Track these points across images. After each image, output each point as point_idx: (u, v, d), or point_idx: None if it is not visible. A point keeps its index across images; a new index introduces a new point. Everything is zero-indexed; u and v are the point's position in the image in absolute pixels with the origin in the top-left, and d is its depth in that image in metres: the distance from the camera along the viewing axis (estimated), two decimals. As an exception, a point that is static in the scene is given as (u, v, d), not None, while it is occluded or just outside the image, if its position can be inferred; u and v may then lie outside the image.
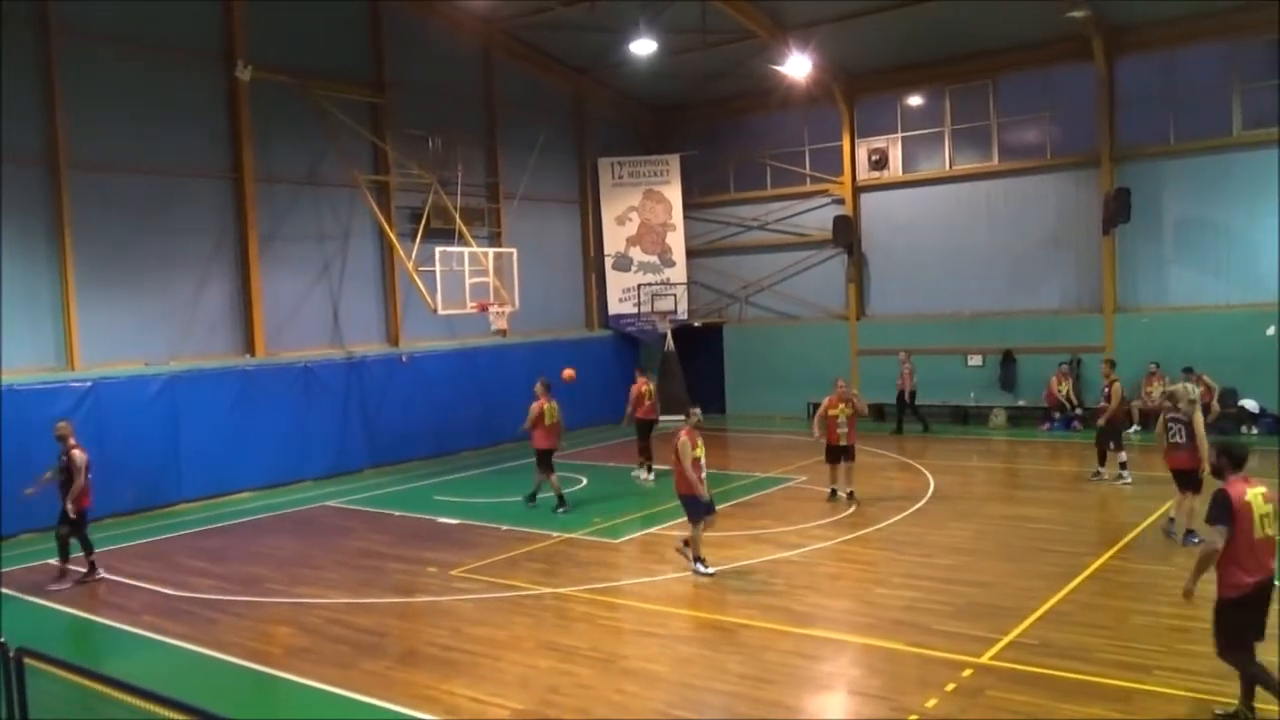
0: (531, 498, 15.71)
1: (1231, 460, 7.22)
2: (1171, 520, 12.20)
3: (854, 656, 8.80)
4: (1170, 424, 11.86)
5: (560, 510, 15.00)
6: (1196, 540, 11.54)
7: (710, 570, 11.38)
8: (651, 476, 17.54)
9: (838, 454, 15.11)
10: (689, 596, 10.76)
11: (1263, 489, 7.00)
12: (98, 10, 16.67)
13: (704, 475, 11.50)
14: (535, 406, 15.39)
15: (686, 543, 11.59)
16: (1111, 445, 15.93)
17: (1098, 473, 16.04)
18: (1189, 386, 12.40)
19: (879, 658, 8.69)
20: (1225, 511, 6.77)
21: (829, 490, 15.36)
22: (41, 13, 15.92)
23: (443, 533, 14.42)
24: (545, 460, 15.41)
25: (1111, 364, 16.76)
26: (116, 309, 16.89)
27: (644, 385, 17.88)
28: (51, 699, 5.73)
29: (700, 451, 11.53)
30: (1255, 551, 6.75)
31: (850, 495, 15.04)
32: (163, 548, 14.03)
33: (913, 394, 22.39)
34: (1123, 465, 15.87)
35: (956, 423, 23.12)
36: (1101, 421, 15.95)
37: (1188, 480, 11.75)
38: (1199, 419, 11.79)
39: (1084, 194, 21.95)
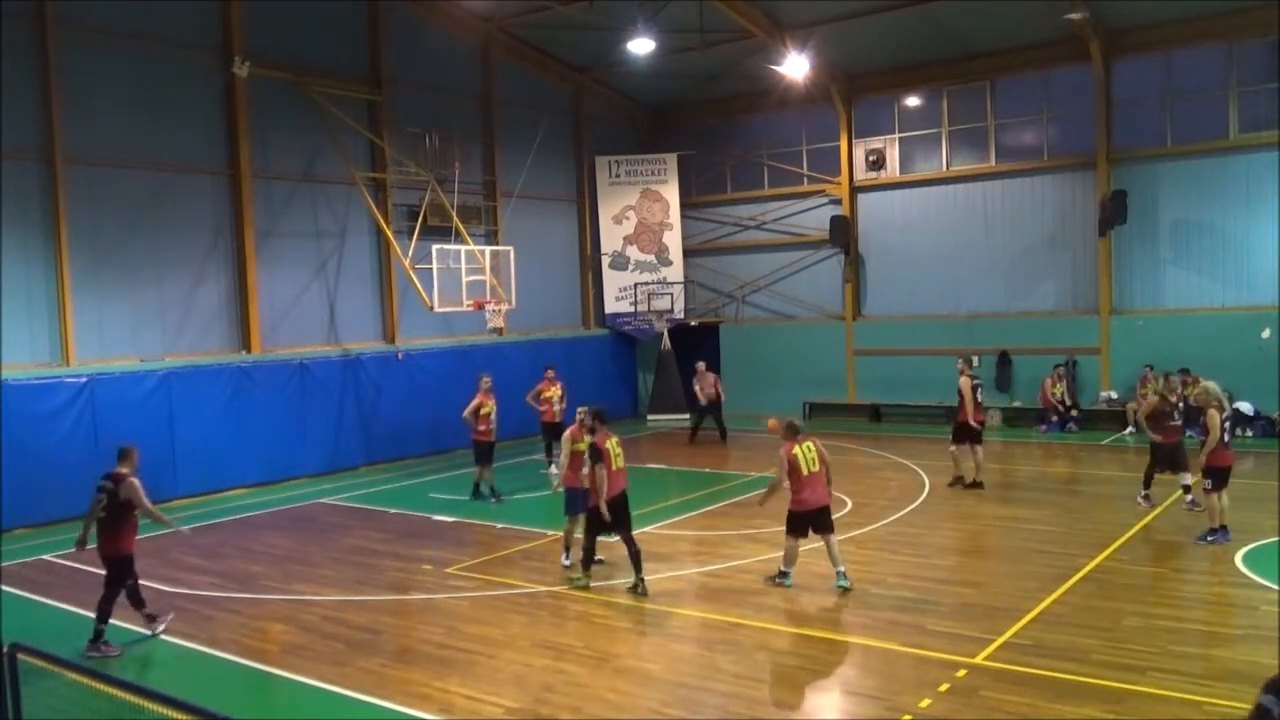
0: (491, 492, 16.42)
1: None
2: (1223, 528, 12.01)
3: (848, 656, 8.81)
4: (1224, 423, 12.00)
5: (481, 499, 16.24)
6: (1227, 539, 11.76)
7: (566, 562, 11.67)
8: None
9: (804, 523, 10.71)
10: (683, 595, 10.77)
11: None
12: (95, 5, 16.63)
13: (555, 470, 11.92)
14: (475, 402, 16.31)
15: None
16: (967, 444, 15.73)
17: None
18: (1212, 386, 12.38)
19: (873, 657, 8.71)
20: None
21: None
22: (39, 7, 15.88)
23: (438, 530, 14.43)
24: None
25: (968, 361, 16.57)
26: (112, 305, 16.87)
27: (547, 387, 18.20)
28: (46, 695, 5.73)
29: (583, 446, 11.09)
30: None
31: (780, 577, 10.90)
32: (158, 544, 13.97)
33: (713, 402, 21.88)
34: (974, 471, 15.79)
35: (951, 423, 23.08)
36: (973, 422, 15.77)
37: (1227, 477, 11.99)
38: (1214, 417, 11.88)
39: (1081, 195, 21.99)
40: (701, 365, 22.32)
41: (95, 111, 16.60)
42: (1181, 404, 13.95)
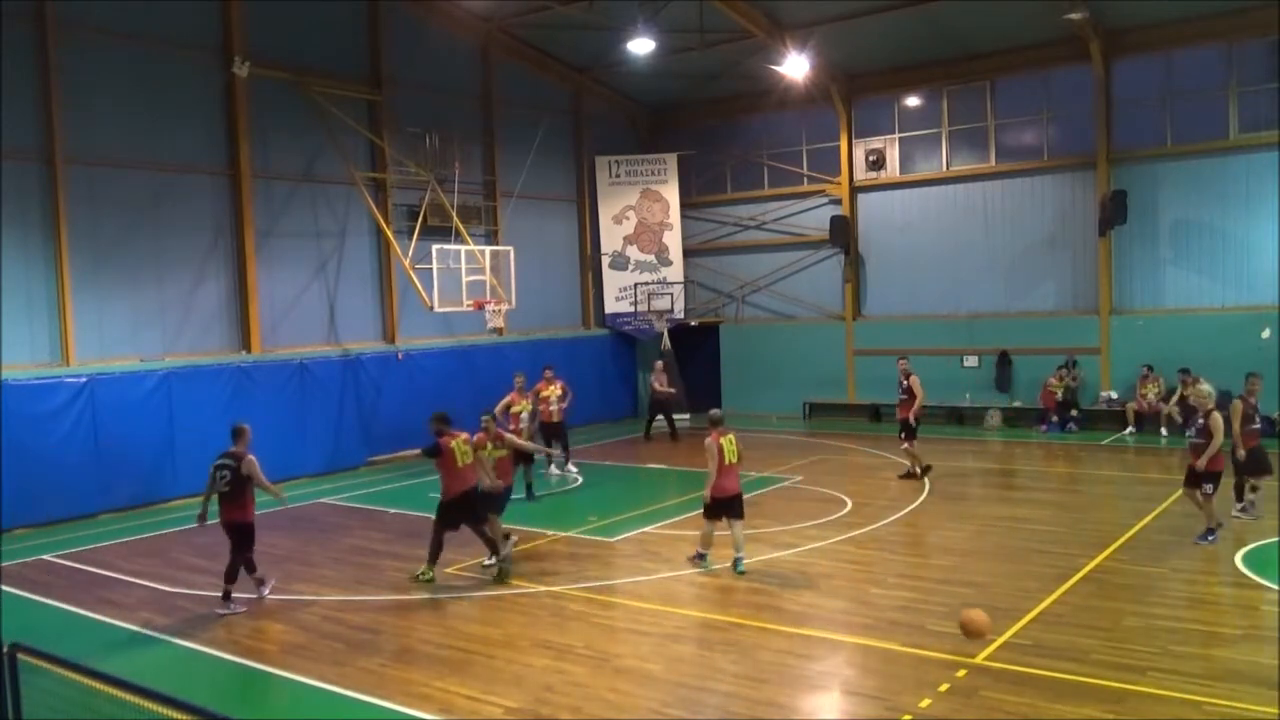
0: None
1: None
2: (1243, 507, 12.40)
3: (848, 656, 8.81)
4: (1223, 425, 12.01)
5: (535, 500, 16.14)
6: (1215, 537, 11.81)
7: (488, 562, 11.80)
8: (565, 471, 18.37)
9: (721, 509, 11.53)
10: (684, 595, 10.77)
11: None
12: (95, 5, 16.62)
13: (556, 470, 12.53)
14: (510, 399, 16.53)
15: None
16: (902, 436, 16.30)
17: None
18: (1209, 388, 12.34)
19: (873, 657, 8.71)
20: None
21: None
22: (39, 7, 15.87)
23: (438, 530, 14.40)
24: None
25: (907, 358, 16.99)
26: (112, 305, 16.86)
27: (545, 386, 18.01)
28: (47, 695, 5.73)
29: (487, 450, 12.37)
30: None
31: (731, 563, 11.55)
32: (158, 544, 14.02)
33: (667, 400, 22.06)
34: (918, 463, 16.43)
35: (952, 424, 23.13)
36: (910, 417, 16.17)
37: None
38: (1217, 420, 11.84)
39: (1081, 195, 21.99)
40: (659, 364, 22.62)
41: (95, 111, 16.60)
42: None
